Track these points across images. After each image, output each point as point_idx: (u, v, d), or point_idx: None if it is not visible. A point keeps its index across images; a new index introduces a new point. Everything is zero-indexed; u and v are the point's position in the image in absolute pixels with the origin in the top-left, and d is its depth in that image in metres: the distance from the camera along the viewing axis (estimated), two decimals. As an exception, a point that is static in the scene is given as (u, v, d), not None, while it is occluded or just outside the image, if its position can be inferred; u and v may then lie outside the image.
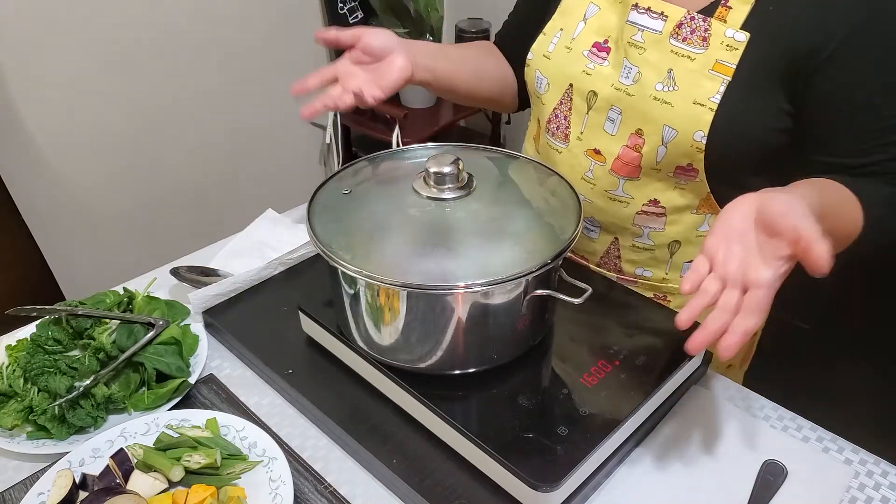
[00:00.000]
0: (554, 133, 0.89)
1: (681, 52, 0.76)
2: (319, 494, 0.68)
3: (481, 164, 0.81)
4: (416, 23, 1.99)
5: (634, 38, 0.79)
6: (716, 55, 0.74)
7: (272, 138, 2.16)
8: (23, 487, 0.69)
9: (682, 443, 0.73)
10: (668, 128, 0.77)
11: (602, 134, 0.83)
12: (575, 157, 0.87)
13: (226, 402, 0.79)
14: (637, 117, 0.79)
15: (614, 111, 0.81)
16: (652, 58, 0.78)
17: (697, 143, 0.76)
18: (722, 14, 0.74)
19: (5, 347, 0.81)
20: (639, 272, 0.91)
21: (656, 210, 0.84)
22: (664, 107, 0.77)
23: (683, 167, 0.79)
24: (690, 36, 0.75)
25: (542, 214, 0.75)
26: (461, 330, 0.68)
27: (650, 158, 0.80)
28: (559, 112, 0.88)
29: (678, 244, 0.87)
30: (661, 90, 0.77)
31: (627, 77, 0.80)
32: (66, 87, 1.65)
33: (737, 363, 1.01)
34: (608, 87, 0.81)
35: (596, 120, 0.84)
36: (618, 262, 0.91)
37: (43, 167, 1.68)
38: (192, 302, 0.87)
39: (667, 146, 0.78)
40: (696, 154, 0.77)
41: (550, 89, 0.88)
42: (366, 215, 0.73)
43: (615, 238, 0.90)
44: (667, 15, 0.76)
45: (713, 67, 0.74)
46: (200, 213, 2.05)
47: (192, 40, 1.84)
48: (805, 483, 0.69)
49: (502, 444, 0.64)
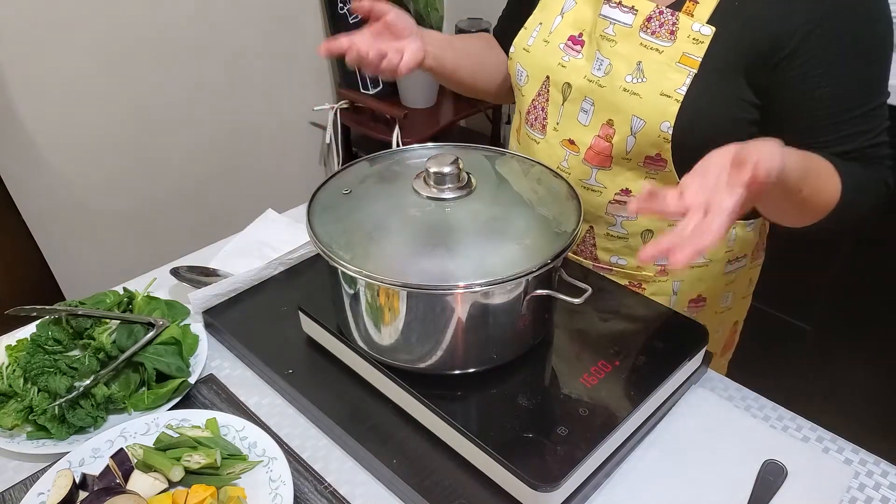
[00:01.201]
0: (532, 124, 0.91)
1: (649, 44, 0.78)
2: (319, 494, 0.68)
3: (481, 164, 0.81)
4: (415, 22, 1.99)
5: (606, 32, 0.81)
6: (683, 48, 0.76)
7: (272, 138, 2.16)
8: (23, 487, 0.69)
9: (682, 443, 0.73)
10: (636, 118, 0.79)
11: (576, 124, 0.86)
12: (551, 147, 0.89)
13: (226, 402, 0.79)
14: (608, 108, 0.82)
15: (587, 102, 0.84)
16: (622, 50, 0.80)
17: (664, 133, 0.78)
18: (689, 8, 0.76)
19: (5, 347, 0.81)
20: (614, 260, 0.93)
21: (628, 199, 0.86)
22: (633, 98, 0.79)
23: (652, 157, 0.81)
24: (659, 29, 0.77)
25: (542, 214, 0.75)
26: (461, 330, 0.68)
27: (620, 148, 0.82)
28: (537, 103, 0.90)
29: (651, 233, 0.89)
30: (630, 82, 0.79)
31: (599, 69, 0.82)
32: (66, 87, 1.65)
33: (717, 351, 1.03)
34: (581, 78, 0.84)
35: (570, 111, 0.86)
36: (593, 250, 0.93)
37: (43, 167, 1.68)
38: (192, 302, 0.87)
39: (636, 136, 0.80)
40: (664, 144, 0.79)
41: (529, 81, 0.90)
42: (366, 215, 0.73)
43: (591, 227, 0.92)
44: (637, 9, 0.79)
45: (680, 60, 0.76)
46: (200, 213, 2.05)
47: (191, 40, 1.84)
48: (805, 483, 0.69)
49: (502, 444, 0.64)
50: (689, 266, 0.89)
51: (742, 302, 1.02)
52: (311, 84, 2.17)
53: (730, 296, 0.97)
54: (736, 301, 0.99)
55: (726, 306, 0.98)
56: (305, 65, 2.14)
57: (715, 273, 0.92)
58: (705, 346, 0.78)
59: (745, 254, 0.93)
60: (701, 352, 0.78)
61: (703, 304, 0.94)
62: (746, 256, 0.94)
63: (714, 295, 0.94)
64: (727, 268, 0.92)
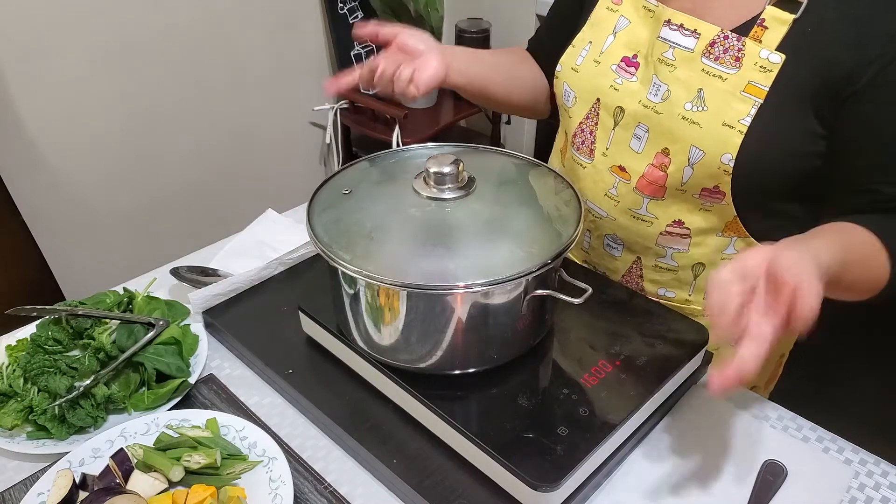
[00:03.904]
0: (579, 147, 0.87)
1: (712, 71, 0.73)
2: (319, 494, 0.68)
3: (481, 164, 0.81)
4: (416, 23, 1.99)
5: (665, 55, 0.76)
6: (748, 76, 0.71)
7: (272, 138, 2.16)
8: (23, 487, 0.69)
9: (682, 443, 0.73)
10: (695, 148, 0.75)
11: (628, 151, 0.81)
12: (599, 173, 0.85)
13: (226, 402, 0.79)
14: (664, 136, 0.77)
15: (641, 128, 0.79)
16: (682, 76, 0.75)
17: (725, 165, 0.73)
18: (757, 34, 0.71)
19: (5, 347, 0.81)
20: (661, 293, 0.89)
21: (680, 231, 0.82)
22: (692, 127, 0.75)
23: (710, 189, 0.77)
24: (723, 55, 0.73)
25: (542, 214, 0.75)
26: (461, 330, 0.68)
27: (676, 179, 0.78)
28: (585, 126, 0.86)
29: (702, 266, 0.85)
30: (689, 110, 0.75)
31: (656, 94, 0.78)
32: (67, 87, 1.65)
33: (761, 384, 0.99)
34: (635, 103, 0.79)
35: (622, 136, 0.82)
36: (640, 281, 0.89)
37: (43, 167, 1.68)
38: (192, 302, 0.87)
39: (693, 167, 0.76)
40: (724, 177, 0.74)
41: (577, 103, 0.86)
42: (366, 215, 0.73)
43: (637, 257, 0.88)
44: (700, 32, 0.74)
45: (745, 89, 0.72)
46: (200, 213, 2.05)
47: (192, 40, 1.84)
48: (805, 483, 0.69)
49: (502, 444, 0.64)
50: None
51: (789, 336, 0.97)
52: (311, 84, 2.17)
53: None
54: (783, 335, 0.94)
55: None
56: (305, 65, 2.14)
57: None
58: (705, 346, 0.78)
59: None
60: (701, 352, 0.77)
61: None
62: None
63: None
64: None
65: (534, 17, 2.05)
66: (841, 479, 0.69)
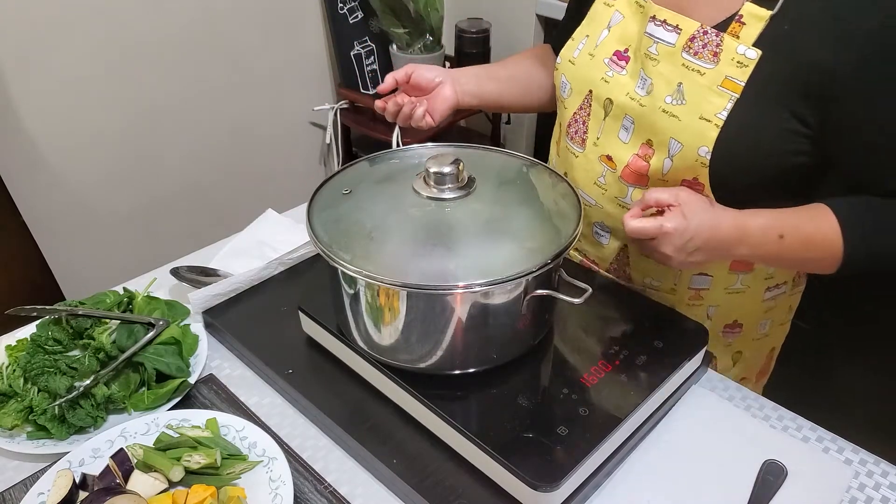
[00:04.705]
0: (573, 137, 0.89)
1: (691, 66, 0.75)
2: (319, 494, 0.68)
3: (481, 164, 0.81)
4: (416, 23, 1.98)
5: (650, 50, 0.78)
6: (726, 71, 0.72)
7: (272, 138, 2.16)
8: (23, 487, 0.69)
9: (682, 443, 0.73)
10: (674, 141, 0.76)
11: (616, 141, 0.83)
12: (589, 161, 0.87)
13: (226, 402, 0.79)
14: (647, 128, 0.79)
15: (628, 120, 0.81)
16: (664, 70, 0.77)
17: (702, 158, 0.75)
18: (735, 30, 0.72)
19: (5, 347, 0.81)
20: (647, 281, 0.89)
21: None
22: (672, 120, 0.76)
23: (689, 181, 0.78)
24: (702, 50, 0.74)
25: (541, 214, 0.75)
26: (461, 330, 0.68)
27: (657, 169, 0.79)
28: (579, 117, 0.88)
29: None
30: (669, 103, 0.76)
31: (642, 88, 0.79)
32: (66, 87, 1.65)
33: (752, 377, 1.00)
34: (623, 95, 0.81)
35: (611, 127, 0.83)
36: (627, 269, 0.90)
37: (43, 167, 1.67)
38: (192, 302, 0.87)
39: (672, 159, 0.77)
40: (701, 169, 0.76)
41: (572, 94, 0.88)
42: (366, 215, 0.73)
43: (624, 245, 0.89)
44: (681, 28, 0.75)
45: (722, 83, 0.73)
46: (200, 213, 2.05)
47: (191, 40, 1.84)
48: (805, 483, 0.69)
49: (502, 444, 0.64)
50: (724, 291, 0.86)
51: (780, 328, 0.98)
52: (311, 84, 2.17)
53: (767, 322, 0.93)
54: (773, 328, 0.95)
55: (763, 333, 0.94)
56: (305, 65, 2.13)
57: (752, 299, 0.89)
58: (705, 346, 0.78)
59: (786, 280, 0.90)
60: (701, 352, 0.78)
61: (738, 331, 0.91)
62: (787, 283, 0.90)
63: (751, 321, 0.91)
64: (766, 294, 0.89)
65: (534, 17, 2.05)
66: (841, 479, 0.69)
